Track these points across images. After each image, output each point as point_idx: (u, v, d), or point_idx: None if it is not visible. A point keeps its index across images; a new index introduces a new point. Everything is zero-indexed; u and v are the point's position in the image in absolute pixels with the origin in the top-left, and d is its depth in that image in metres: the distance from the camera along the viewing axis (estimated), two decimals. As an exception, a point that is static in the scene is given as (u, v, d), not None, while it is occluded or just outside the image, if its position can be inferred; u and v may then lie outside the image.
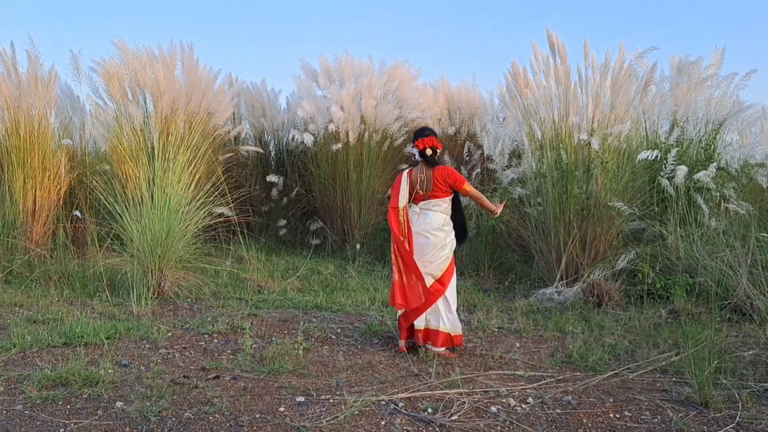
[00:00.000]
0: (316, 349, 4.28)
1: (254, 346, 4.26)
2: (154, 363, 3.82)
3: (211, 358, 3.96)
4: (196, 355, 4.06)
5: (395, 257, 4.19)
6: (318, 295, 5.65)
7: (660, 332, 4.74)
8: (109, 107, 7.24)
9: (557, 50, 5.93)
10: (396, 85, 8.24)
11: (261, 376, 3.63)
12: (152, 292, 5.37)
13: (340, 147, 7.85)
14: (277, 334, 4.53)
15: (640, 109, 6.47)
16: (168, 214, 5.43)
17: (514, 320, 5.13)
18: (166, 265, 5.46)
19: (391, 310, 5.30)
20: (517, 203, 6.91)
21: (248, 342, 4.05)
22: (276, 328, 4.69)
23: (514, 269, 6.75)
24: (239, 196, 7.55)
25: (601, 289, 5.51)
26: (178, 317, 4.84)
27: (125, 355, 3.94)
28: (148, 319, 4.73)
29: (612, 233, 6.00)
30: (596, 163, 5.82)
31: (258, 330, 4.59)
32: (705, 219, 6.15)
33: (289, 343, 4.22)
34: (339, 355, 4.14)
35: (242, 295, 5.55)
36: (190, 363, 3.88)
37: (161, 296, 5.38)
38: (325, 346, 4.35)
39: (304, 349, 4.22)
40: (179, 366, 3.82)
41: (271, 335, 4.51)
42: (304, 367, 3.87)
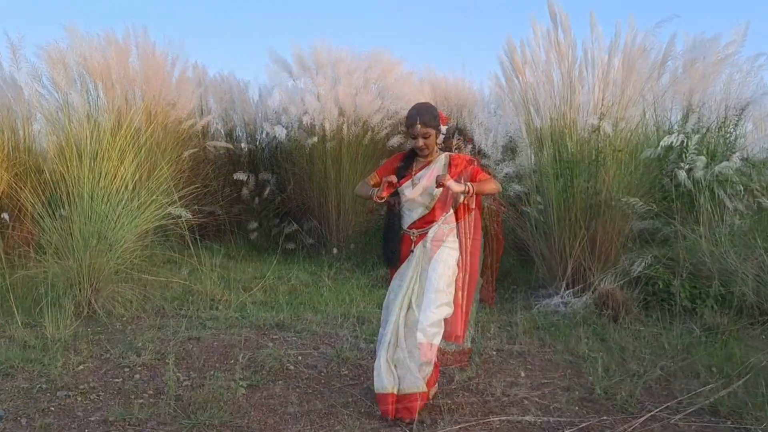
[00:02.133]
0: (265, 386, 3.19)
1: (186, 383, 3.16)
2: (41, 414, 2.73)
3: (122, 405, 2.86)
4: (105, 398, 2.96)
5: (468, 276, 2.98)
6: (282, 309, 4.55)
7: (695, 355, 3.68)
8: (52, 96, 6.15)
9: (559, 21, 4.87)
10: (377, 73, 7.15)
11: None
12: (81, 309, 4.26)
13: (316, 141, 6.76)
14: (219, 366, 3.43)
15: (651, 91, 5.41)
16: (99, 216, 4.32)
17: (516, 339, 4.06)
18: (98, 276, 4.35)
19: (367, 328, 4.21)
20: (513, 201, 5.85)
21: (172, 381, 2.94)
22: (220, 355, 3.59)
23: (511, 274, 5.67)
24: (196, 195, 6.45)
25: (616, 300, 4.45)
26: (100, 343, 3.73)
27: (6, 402, 2.83)
28: (62, 345, 3.62)
29: (625, 234, 4.94)
30: (607, 152, 4.76)
31: (195, 360, 3.49)
32: (728, 216, 5.11)
33: (228, 380, 3.12)
34: (293, 396, 3.05)
35: (191, 311, 4.44)
36: (91, 412, 2.78)
37: (91, 314, 4.27)
38: (278, 381, 3.26)
39: (250, 386, 3.13)
40: (75, 418, 2.72)
41: (211, 367, 3.41)
42: (243, 415, 2.78)
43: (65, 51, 6.16)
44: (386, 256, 3.04)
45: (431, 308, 2.79)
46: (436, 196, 2.90)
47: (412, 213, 2.96)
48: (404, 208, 2.99)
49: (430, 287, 2.81)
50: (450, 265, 2.87)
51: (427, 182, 2.90)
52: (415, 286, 2.85)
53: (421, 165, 2.98)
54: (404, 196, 2.95)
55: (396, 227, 3.00)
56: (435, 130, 2.91)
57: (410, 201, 2.93)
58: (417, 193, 2.90)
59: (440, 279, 2.82)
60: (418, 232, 2.92)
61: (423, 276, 2.85)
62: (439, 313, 2.81)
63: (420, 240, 2.91)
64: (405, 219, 2.99)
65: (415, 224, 2.94)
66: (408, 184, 2.95)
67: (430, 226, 2.92)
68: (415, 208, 2.94)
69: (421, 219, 2.93)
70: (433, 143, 2.93)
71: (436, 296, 2.80)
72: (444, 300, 2.83)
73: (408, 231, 2.96)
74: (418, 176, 2.96)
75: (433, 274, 2.82)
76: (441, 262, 2.85)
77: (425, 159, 2.98)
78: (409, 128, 2.91)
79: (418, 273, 2.86)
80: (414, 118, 2.88)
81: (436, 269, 2.84)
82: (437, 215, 2.91)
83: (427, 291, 2.81)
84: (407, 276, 2.87)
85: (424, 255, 2.89)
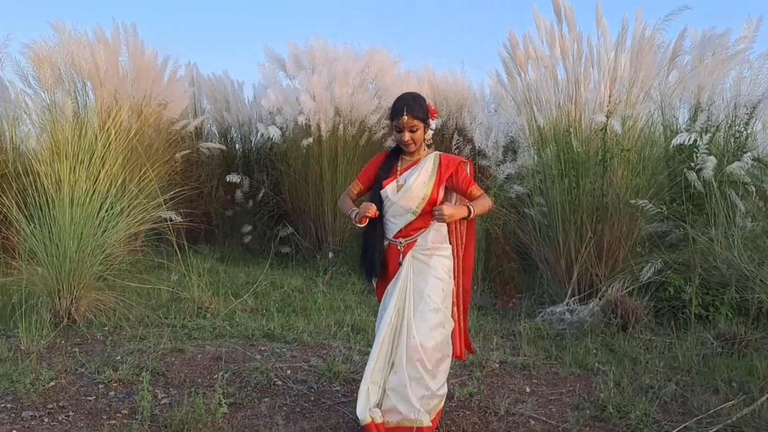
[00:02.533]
0: (249, 404, 2.92)
1: (164, 401, 2.90)
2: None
3: (91, 427, 2.60)
4: (75, 419, 2.70)
5: (462, 289, 2.71)
6: (272, 318, 4.29)
7: (712, 367, 3.41)
8: (39, 96, 5.90)
9: (564, 15, 4.61)
10: (375, 72, 6.89)
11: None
12: (60, 319, 4.00)
13: (312, 142, 6.49)
14: (201, 381, 3.16)
15: (658, 89, 5.15)
16: (80, 220, 4.06)
17: (519, 350, 3.79)
18: (78, 284, 4.08)
19: (362, 338, 3.94)
20: (515, 202, 5.58)
21: (147, 401, 2.68)
22: (203, 369, 3.32)
23: (513, 280, 5.39)
24: (188, 198, 6.19)
25: (625, 308, 4.17)
26: (76, 356, 3.46)
27: (-36, 425, 2.57)
28: (35, 358, 3.35)
29: (634, 237, 4.67)
30: (615, 151, 4.49)
31: (176, 374, 3.22)
32: (739, 218, 4.84)
33: (210, 397, 2.85)
34: (279, 416, 2.78)
35: (177, 320, 4.17)
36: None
37: (71, 324, 4.00)
38: (264, 399, 2.99)
39: (233, 404, 2.87)
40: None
41: (192, 382, 3.14)
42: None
43: (53, 49, 5.94)
44: (366, 267, 2.66)
45: (429, 331, 2.45)
46: (425, 200, 2.54)
47: (397, 220, 2.58)
48: (388, 215, 2.60)
49: (424, 307, 2.47)
50: (443, 277, 2.55)
51: (416, 186, 2.53)
52: (407, 305, 2.49)
53: (407, 164, 2.62)
54: (388, 201, 2.58)
55: (378, 234, 2.62)
56: (423, 124, 2.55)
57: (395, 206, 2.57)
58: (403, 198, 2.54)
59: (435, 294, 2.50)
60: (406, 241, 2.56)
61: (415, 293, 2.50)
62: (438, 335, 2.49)
63: (409, 250, 2.56)
64: (390, 227, 2.60)
65: (402, 233, 2.58)
66: (392, 187, 2.58)
67: (419, 233, 2.57)
68: (401, 215, 2.57)
69: (408, 226, 2.57)
70: (420, 138, 2.56)
71: (432, 316, 2.47)
72: (440, 319, 2.51)
73: (394, 241, 2.59)
74: (404, 177, 2.60)
75: (426, 289, 2.49)
76: (433, 274, 2.52)
77: (412, 158, 2.62)
78: (394, 120, 2.54)
79: (410, 290, 2.51)
80: (400, 108, 2.51)
81: (428, 282, 2.51)
82: (427, 220, 2.58)
83: (422, 311, 2.47)
84: (395, 294, 2.51)
85: (413, 267, 2.55)
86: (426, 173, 2.56)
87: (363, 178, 2.70)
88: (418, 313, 2.47)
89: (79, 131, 4.34)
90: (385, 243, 2.61)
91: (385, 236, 2.62)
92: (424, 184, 2.55)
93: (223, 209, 7.13)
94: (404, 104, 2.53)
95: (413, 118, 2.51)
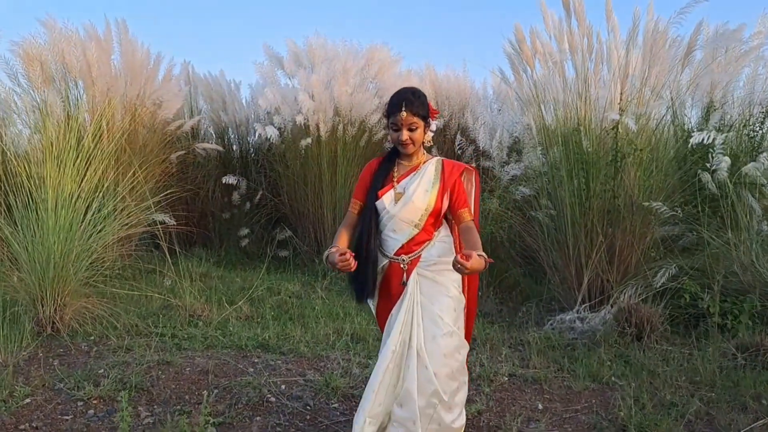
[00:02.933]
0: (240, 423, 2.67)
1: (147, 420, 2.65)
2: (-37, 465, 2.22)
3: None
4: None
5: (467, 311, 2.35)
6: (268, 326, 4.04)
7: (737, 381, 3.17)
8: (29, 95, 5.67)
9: (573, 8, 4.36)
10: (375, 71, 6.65)
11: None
12: (43, 328, 3.75)
13: (310, 142, 6.25)
14: (188, 398, 2.91)
15: (669, 87, 4.90)
16: (64, 222, 3.81)
17: (529, 361, 3.54)
18: (63, 291, 3.84)
19: (362, 348, 3.70)
20: (520, 205, 5.34)
21: (127, 422, 2.43)
22: (192, 384, 3.07)
23: (519, 285, 5.15)
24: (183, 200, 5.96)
25: (640, 316, 3.92)
26: (56, 369, 3.21)
27: (-76, 450, 2.32)
28: (11, 371, 3.10)
29: (647, 241, 4.42)
30: (628, 151, 4.25)
31: (162, 390, 2.97)
32: (755, 221, 4.60)
33: (195, 417, 2.60)
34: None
35: (167, 329, 3.92)
36: (25, 462, 2.27)
37: (54, 334, 3.75)
38: (256, 417, 2.74)
39: (221, 423, 2.62)
40: (3, 470, 2.21)
41: (179, 399, 2.89)
42: (209, 466, 2.27)
43: (43, 47, 5.72)
44: (356, 286, 2.28)
45: (444, 358, 2.13)
46: (428, 211, 2.21)
47: (398, 235, 2.24)
48: (387, 230, 2.26)
49: (437, 330, 2.15)
50: (455, 295, 2.23)
51: (417, 195, 2.21)
52: (415, 329, 2.15)
53: (406, 171, 2.29)
54: (386, 214, 2.24)
55: (371, 248, 2.24)
56: (423, 122, 2.24)
57: (395, 220, 2.23)
58: (403, 209, 2.21)
59: (447, 315, 2.17)
60: (409, 258, 2.23)
61: (425, 315, 2.17)
62: (454, 361, 2.17)
63: (413, 267, 2.23)
64: (389, 243, 2.26)
65: (403, 248, 2.24)
66: (389, 197, 2.25)
67: (423, 246, 2.25)
68: (402, 229, 2.23)
69: (411, 241, 2.24)
70: (420, 139, 2.24)
71: (446, 341, 2.15)
72: (456, 343, 2.18)
73: (396, 258, 2.24)
74: (402, 185, 2.26)
75: (437, 310, 2.17)
76: (444, 293, 2.20)
77: (410, 162, 2.30)
78: (391, 116, 2.22)
79: (417, 312, 2.18)
80: (398, 103, 2.19)
81: (439, 302, 2.19)
82: (431, 232, 2.26)
83: (435, 336, 2.14)
84: (400, 318, 2.17)
85: (420, 287, 2.21)
86: (428, 180, 2.25)
87: (359, 193, 2.33)
88: (429, 338, 2.15)
89: (64, 130, 4.10)
90: (385, 262, 2.27)
91: (384, 254, 2.28)
92: (426, 192, 2.23)
93: (219, 212, 6.89)
94: (403, 99, 2.21)
95: (413, 115, 2.19)
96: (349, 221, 2.32)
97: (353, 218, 2.32)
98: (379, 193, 2.26)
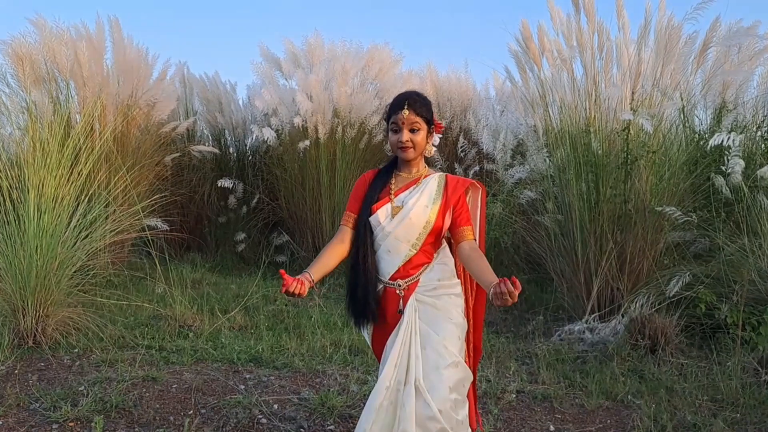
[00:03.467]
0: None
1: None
2: None
3: (33, 482, 2.13)
4: (15, 471, 2.23)
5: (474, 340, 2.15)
6: (261, 338, 3.81)
7: (761, 400, 2.94)
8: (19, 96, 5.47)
9: (582, 5, 4.14)
10: (375, 71, 6.43)
11: None
12: (24, 341, 3.53)
13: (309, 145, 6.03)
14: (174, 419, 2.69)
15: (680, 86, 4.68)
16: (47, 228, 3.59)
17: (538, 377, 3.31)
18: (45, 301, 3.61)
19: (360, 361, 3.47)
20: (525, 208, 5.12)
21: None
22: (178, 403, 2.84)
23: (525, 293, 4.92)
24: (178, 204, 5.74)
25: (653, 327, 3.69)
26: (33, 386, 2.98)
27: None
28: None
29: (659, 248, 4.20)
30: (640, 153, 4.02)
31: (144, 409, 2.74)
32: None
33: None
34: (261, 467, 2.31)
35: (155, 341, 3.70)
36: (-13, 496, 2.05)
37: (36, 346, 3.53)
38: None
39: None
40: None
41: (163, 420, 2.67)
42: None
43: (33, 46, 5.53)
44: (354, 311, 2.03)
45: (449, 393, 1.88)
46: (427, 229, 1.96)
47: (393, 257, 1.98)
48: (381, 250, 2.00)
49: (440, 361, 1.90)
50: (458, 321, 1.98)
51: (416, 210, 1.95)
52: (413, 361, 1.90)
53: (404, 184, 2.04)
54: (380, 231, 1.99)
55: (369, 269, 1.99)
56: (427, 126, 2.01)
57: (390, 238, 1.98)
58: (400, 225, 1.96)
59: (451, 343, 1.93)
60: (406, 283, 1.97)
61: (426, 344, 1.92)
62: (459, 395, 1.92)
63: (410, 293, 1.97)
64: (383, 265, 2.00)
65: (400, 272, 1.98)
66: (385, 212, 1.99)
67: (421, 270, 1.99)
68: (398, 249, 1.98)
69: (408, 264, 1.98)
70: (422, 143, 2.00)
71: (451, 373, 1.90)
72: (461, 375, 1.94)
73: (391, 284, 1.99)
74: (401, 199, 2.00)
75: (440, 338, 1.92)
76: (447, 318, 1.96)
77: (410, 175, 2.05)
78: (393, 115, 1.99)
79: (416, 342, 1.92)
80: (400, 102, 1.99)
81: (442, 329, 1.93)
82: (430, 254, 2.01)
83: (438, 367, 1.90)
84: (395, 349, 1.91)
85: (419, 313, 1.95)
86: (428, 195, 1.99)
87: (353, 206, 2.07)
88: (432, 369, 1.89)
89: (48, 129, 3.88)
90: (379, 287, 2.00)
91: (378, 277, 2.01)
92: (426, 207, 1.97)
93: (215, 216, 6.67)
94: (405, 98, 2.00)
95: (415, 114, 1.98)
96: (340, 236, 2.05)
97: (345, 233, 2.05)
98: (373, 207, 2.01)
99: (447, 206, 1.99)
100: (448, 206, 1.99)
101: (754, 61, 4.86)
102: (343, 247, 2.02)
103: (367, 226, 2.02)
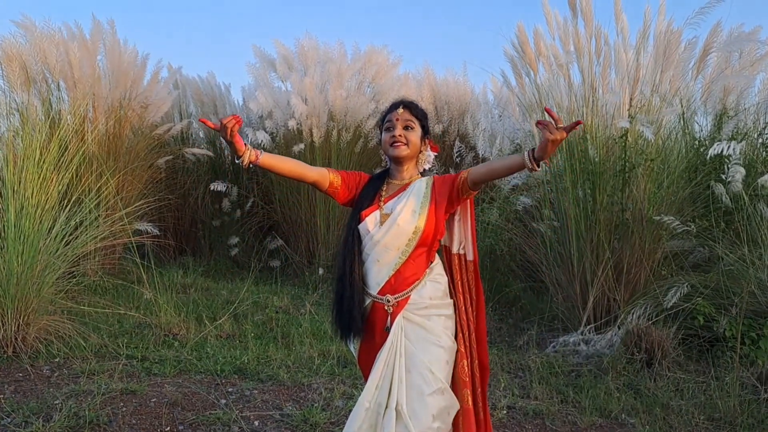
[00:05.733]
0: (202, 470, 2.33)
1: (97, 467, 2.31)
2: None
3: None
4: (-22, 494, 2.11)
5: (477, 362, 1.98)
6: (248, 348, 3.69)
7: (760, 419, 2.81)
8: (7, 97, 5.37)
9: (579, 8, 4.03)
10: (372, 74, 6.32)
11: None
12: (3, 350, 3.41)
13: (303, 148, 5.92)
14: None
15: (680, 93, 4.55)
16: (28, 233, 3.48)
17: (530, 391, 3.19)
18: (26, 308, 3.50)
19: (348, 374, 3.35)
20: (521, 215, 4.99)
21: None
22: (155, 419, 2.73)
23: (520, 301, 4.80)
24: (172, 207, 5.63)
25: (650, 340, 3.57)
26: (8, 399, 2.87)
27: None
28: (-42, 402, 2.77)
29: (657, 258, 4.07)
30: (638, 161, 3.90)
31: (120, 425, 2.63)
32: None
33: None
34: (235, 490, 2.19)
35: (138, 350, 3.58)
36: None
37: (15, 356, 3.41)
38: (222, 461, 2.40)
39: (181, 470, 2.28)
40: None
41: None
42: None
43: (23, 47, 5.43)
44: (340, 323, 1.95)
45: (432, 421, 1.77)
46: (417, 235, 1.88)
47: (382, 266, 1.89)
48: (370, 260, 1.91)
49: (425, 387, 1.79)
50: (446, 345, 1.87)
51: (403, 217, 1.88)
52: (396, 385, 1.79)
53: (395, 190, 1.97)
54: (369, 239, 1.91)
55: (356, 279, 1.90)
56: (421, 129, 1.98)
57: (379, 247, 1.89)
58: (388, 233, 1.88)
59: (438, 369, 1.82)
60: (395, 298, 1.88)
61: (411, 367, 1.81)
62: (442, 423, 1.80)
63: (400, 310, 1.87)
64: (372, 276, 1.90)
65: (389, 285, 1.88)
66: (373, 219, 1.92)
67: (413, 286, 1.89)
68: (387, 258, 1.88)
69: (398, 275, 1.88)
70: (416, 144, 1.95)
71: (436, 400, 1.79)
72: (446, 402, 1.82)
73: (379, 298, 1.89)
74: (389, 206, 1.93)
75: (426, 362, 1.81)
76: (435, 342, 1.85)
77: (400, 181, 1.99)
78: (388, 114, 1.98)
79: (400, 365, 1.81)
80: (396, 103, 1.99)
81: (429, 353, 1.83)
82: (421, 266, 1.92)
83: (422, 393, 1.78)
84: (378, 369, 1.81)
85: (406, 332, 1.85)
86: (416, 199, 1.91)
87: (345, 176, 2.00)
88: (416, 395, 1.78)
89: (31, 132, 3.77)
90: (368, 301, 1.91)
91: (366, 290, 1.92)
92: (414, 213, 1.89)
93: (209, 219, 6.56)
94: (402, 101, 2.01)
95: (410, 114, 1.96)
96: (315, 168, 1.95)
97: (321, 170, 1.95)
98: (362, 213, 1.93)
99: (437, 205, 1.91)
100: (437, 202, 1.91)
101: (755, 66, 4.73)
102: (306, 170, 1.93)
103: (355, 235, 1.94)
